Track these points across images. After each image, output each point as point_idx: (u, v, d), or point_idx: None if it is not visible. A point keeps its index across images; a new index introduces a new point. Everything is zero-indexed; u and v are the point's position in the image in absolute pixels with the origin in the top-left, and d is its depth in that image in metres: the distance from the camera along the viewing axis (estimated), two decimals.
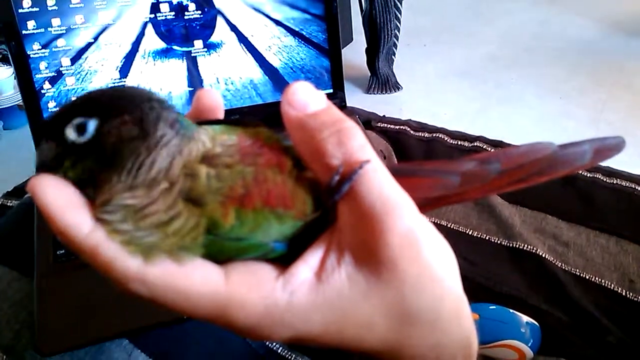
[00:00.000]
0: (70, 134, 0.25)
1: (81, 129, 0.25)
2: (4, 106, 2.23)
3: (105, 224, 0.24)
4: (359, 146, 0.25)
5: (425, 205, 0.27)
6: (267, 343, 0.56)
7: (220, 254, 0.25)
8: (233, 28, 0.77)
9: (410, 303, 0.25)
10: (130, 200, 0.24)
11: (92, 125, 0.25)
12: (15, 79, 2.20)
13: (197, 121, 0.28)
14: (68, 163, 0.25)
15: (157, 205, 0.24)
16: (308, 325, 0.25)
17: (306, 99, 0.26)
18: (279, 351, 0.55)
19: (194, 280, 0.24)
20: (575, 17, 2.90)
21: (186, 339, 0.55)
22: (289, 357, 0.54)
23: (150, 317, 0.54)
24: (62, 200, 0.24)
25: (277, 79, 0.79)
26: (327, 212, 0.26)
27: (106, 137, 0.24)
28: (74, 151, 0.25)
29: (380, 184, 0.24)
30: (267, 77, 0.79)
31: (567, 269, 0.64)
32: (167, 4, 0.74)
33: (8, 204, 0.76)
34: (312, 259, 0.25)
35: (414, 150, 0.82)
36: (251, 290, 0.24)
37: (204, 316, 0.24)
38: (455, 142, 0.83)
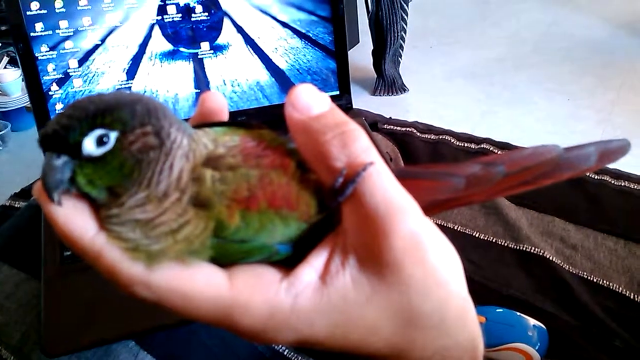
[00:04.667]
0: (90, 146, 0.24)
1: (101, 141, 0.24)
2: (12, 108, 2.24)
3: (112, 232, 0.24)
4: (363, 148, 0.25)
5: (430, 208, 0.27)
6: (273, 345, 0.56)
7: (225, 257, 0.25)
8: (240, 30, 0.77)
9: (415, 306, 0.25)
10: (141, 215, 0.24)
11: (113, 137, 0.24)
12: (23, 80, 2.22)
13: (200, 123, 0.28)
14: (83, 179, 0.24)
15: (167, 215, 0.24)
16: (313, 328, 0.25)
17: (309, 102, 0.26)
18: (285, 353, 0.55)
19: (198, 283, 0.24)
20: (583, 17, 2.88)
21: (192, 341, 0.55)
22: None
23: (157, 318, 0.54)
24: (67, 204, 0.24)
25: (284, 81, 0.79)
26: (331, 215, 0.26)
27: (127, 148, 0.24)
28: (89, 164, 0.24)
29: (384, 187, 0.24)
30: (273, 79, 0.79)
31: (574, 272, 0.63)
32: (174, 6, 0.74)
33: (16, 206, 0.77)
34: (316, 261, 0.25)
35: (420, 152, 0.82)
36: (255, 293, 0.24)
37: (208, 319, 0.24)
38: (462, 144, 0.83)
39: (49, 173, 0.23)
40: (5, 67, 2.30)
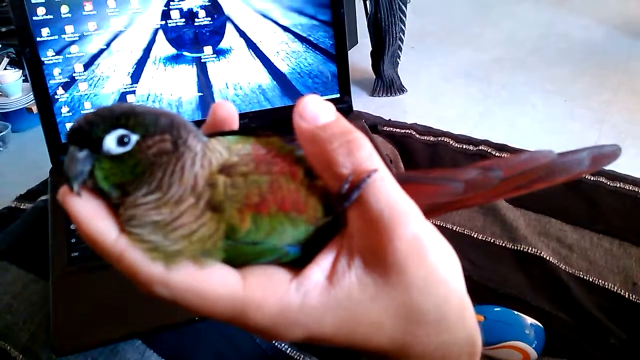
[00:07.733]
0: (110, 143, 0.26)
1: (122, 141, 0.26)
2: (13, 109, 2.25)
3: (132, 235, 0.25)
4: (367, 156, 0.27)
5: (430, 211, 0.29)
6: (276, 344, 0.57)
7: (238, 258, 0.26)
8: (242, 34, 0.78)
9: (417, 304, 0.26)
10: (157, 216, 0.25)
11: (134, 139, 0.26)
12: (24, 81, 2.22)
13: (212, 132, 0.30)
14: (100, 174, 0.26)
15: (185, 218, 0.25)
16: (320, 325, 0.26)
17: (316, 112, 0.28)
18: (288, 352, 0.56)
19: (213, 283, 0.25)
20: (580, 19, 2.90)
21: (198, 340, 0.56)
22: (298, 358, 0.55)
23: (163, 318, 0.55)
24: (91, 209, 0.25)
25: (285, 84, 0.81)
26: (338, 219, 0.27)
27: (144, 151, 0.26)
28: (107, 161, 0.26)
29: (387, 192, 0.26)
30: (275, 82, 0.80)
31: (570, 271, 0.64)
32: (177, 11, 0.75)
33: (21, 207, 0.78)
34: (323, 262, 0.27)
35: (419, 154, 0.83)
36: (267, 293, 0.26)
37: (222, 317, 0.26)
38: (460, 146, 0.84)
39: (71, 164, 0.25)
40: (5, 69, 2.30)
